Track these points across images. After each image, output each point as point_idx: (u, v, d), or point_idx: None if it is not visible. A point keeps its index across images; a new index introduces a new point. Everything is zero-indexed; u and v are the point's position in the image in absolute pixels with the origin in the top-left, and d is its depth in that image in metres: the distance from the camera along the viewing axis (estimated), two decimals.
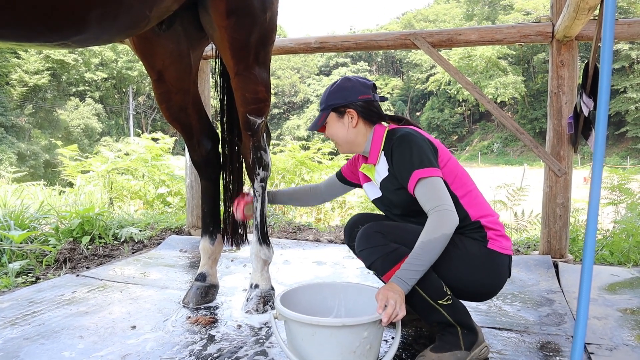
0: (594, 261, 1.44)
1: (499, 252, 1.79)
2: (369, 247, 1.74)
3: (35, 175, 27.91)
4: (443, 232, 1.62)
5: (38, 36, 1.45)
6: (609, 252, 3.43)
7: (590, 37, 3.08)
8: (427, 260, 1.61)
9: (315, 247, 3.81)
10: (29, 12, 1.35)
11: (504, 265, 1.82)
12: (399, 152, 1.80)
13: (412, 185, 1.73)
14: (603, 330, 2.12)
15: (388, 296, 1.55)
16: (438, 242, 1.61)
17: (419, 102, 59.71)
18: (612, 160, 34.44)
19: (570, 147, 3.24)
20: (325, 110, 1.96)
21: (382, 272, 1.73)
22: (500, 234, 1.82)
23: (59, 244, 3.63)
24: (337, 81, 2.01)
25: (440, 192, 1.69)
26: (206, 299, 2.47)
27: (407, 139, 1.80)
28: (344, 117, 1.94)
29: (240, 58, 2.17)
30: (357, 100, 1.92)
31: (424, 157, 1.74)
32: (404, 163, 1.77)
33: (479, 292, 1.84)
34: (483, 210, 1.83)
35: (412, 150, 1.76)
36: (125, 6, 1.55)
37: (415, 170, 1.72)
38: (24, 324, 2.19)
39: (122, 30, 1.68)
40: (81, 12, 1.45)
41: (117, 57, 42.24)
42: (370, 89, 1.96)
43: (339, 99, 1.93)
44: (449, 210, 1.65)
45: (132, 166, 6.61)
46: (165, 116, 2.46)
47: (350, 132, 1.94)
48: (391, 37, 3.56)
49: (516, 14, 42.53)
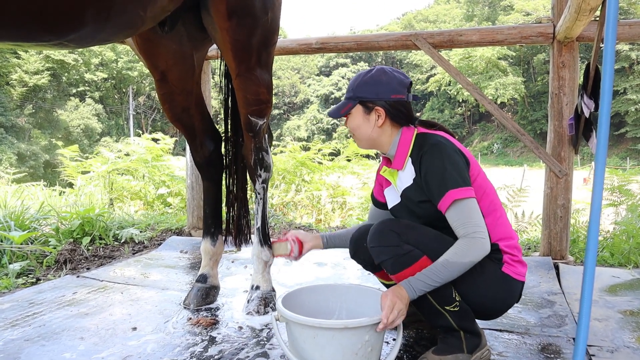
0: (596, 263, 1.44)
1: (512, 277, 1.73)
2: (381, 245, 1.70)
3: (35, 176, 27.92)
4: (471, 260, 1.57)
5: (33, 36, 1.46)
6: (610, 254, 3.43)
7: (591, 38, 3.08)
8: (444, 279, 1.57)
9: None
10: (22, 12, 1.35)
11: (515, 291, 1.77)
12: (430, 164, 1.69)
13: (445, 206, 1.64)
14: (604, 332, 2.11)
15: (395, 305, 1.52)
16: (462, 266, 1.57)
17: (419, 103, 59.67)
18: (612, 161, 34.46)
19: (571, 148, 3.24)
20: (352, 100, 1.82)
21: (391, 272, 1.71)
22: (516, 259, 1.75)
23: (60, 245, 3.63)
24: (372, 70, 1.83)
25: (475, 216, 1.61)
26: (207, 301, 2.47)
27: (440, 149, 1.69)
28: (371, 114, 1.80)
29: (242, 59, 2.17)
30: (390, 99, 1.78)
31: (458, 175, 1.64)
32: (435, 178, 1.66)
33: (484, 311, 1.80)
34: (504, 232, 1.75)
35: (445, 164, 1.65)
36: (117, 6, 1.55)
37: (449, 191, 1.62)
38: (24, 325, 2.18)
39: (118, 31, 1.68)
40: (74, 12, 1.46)
41: (117, 57, 42.29)
42: (406, 88, 1.81)
43: (370, 93, 1.78)
44: (484, 238, 1.59)
45: (132, 167, 6.61)
46: (168, 117, 2.46)
47: (375, 131, 1.82)
48: (392, 37, 3.56)
49: (516, 15, 42.59)
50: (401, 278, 1.67)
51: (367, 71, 1.84)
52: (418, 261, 1.65)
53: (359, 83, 1.81)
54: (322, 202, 6.16)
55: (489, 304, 1.77)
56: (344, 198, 6.27)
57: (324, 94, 58.76)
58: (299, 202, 6.12)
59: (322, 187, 6.38)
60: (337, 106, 1.87)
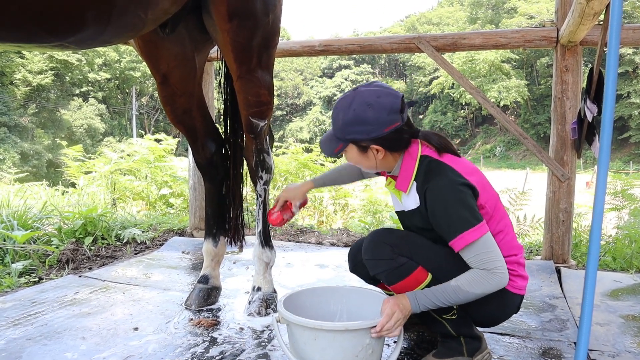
0: (597, 267, 1.44)
1: (511, 292, 1.70)
2: (374, 258, 1.67)
3: (38, 175, 27.99)
4: (484, 291, 1.54)
5: (34, 38, 1.47)
6: (612, 258, 3.42)
7: (594, 42, 3.08)
8: (451, 303, 1.56)
9: (318, 250, 3.81)
10: (23, 13, 1.36)
11: (513, 304, 1.75)
12: (437, 203, 1.58)
13: (458, 247, 1.55)
14: (605, 336, 2.11)
15: (394, 315, 1.51)
16: (473, 295, 1.54)
17: (422, 105, 59.70)
18: (614, 165, 34.37)
19: (573, 152, 3.23)
20: (343, 141, 1.65)
21: (387, 284, 1.69)
22: (517, 273, 1.71)
23: (62, 245, 3.64)
24: (352, 102, 1.59)
25: (492, 252, 1.54)
26: (208, 301, 2.47)
27: (445, 185, 1.58)
28: (368, 152, 1.65)
29: (243, 61, 2.18)
30: (384, 134, 1.59)
31: (468, 214, 1.54)
32: (444, 219, 1.57)
33: (481, 320, 1.79)
34: (509, 249, 1.70)
35: (454, 204, 1.55)
36: (118, 8, 1.56)
37: (462, 234, 1.53)
38: (26, 324, 2.19)
39: (119, 33, 1.68)
40: (74, 14, 1.47)
41: (120, 57, 42.38)
42: (398, 113, 1.59)
43: (360, 134, 1.59)
44: (503, 273, 1.53)
45: (135, 167, 6.62)
46: (170, 118, 2.47)
47: (375, 162, 1.68)
48: (395, 40, 3.56)
49: (520, 18, 42.57)
50: (398, 289, 1.66)
51: (349, 104, 1.60)
52: (413, 272, 1.63)
53: (345, 123, 1.60)
54: (324, 204, 6.16)
55: (487, 316, 1.76)
56: (346, 200, 6.27)
57: (327, 96, 58.79)
58: None
59: (324, 189, 6.37)
60: (328, 143, 1.69)
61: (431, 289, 1.56)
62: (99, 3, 1.49)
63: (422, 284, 1.64)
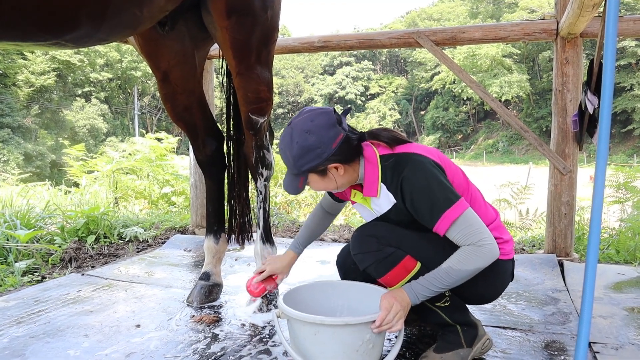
0: (598, 259, 1.44)
1: (501, 259, 1.70)
2: (362, 252, 1.68)
3: (42, 176, 28.05)
4: (477, 267, 1.52)
5: (30, 36, 1.47)
6: (615, 251, 3.41)
7: (595, 34, 3.06)
8: (448, 286, 1.54)
9: (319, 246, 3.81)
10: (17, 12, 1.36)
11: (506, 271, 1.77)
12: (414, 189, 1.58)
13: (443, 229, 1.56)
14: (609, 329, 2.10)
15: (392, 308, 1.50)
16: (467, 273, 1.52)
17: (424, 101, 59.63)
18: (618, 158, 34.27)
19: (575, 145, 3.22)
20: (302, 174, 1.63)
21: (376, 276, 1.70)
22: (501, 240, 1.71)
23: (65, 244, 3.65)
24: (294, 138, 1.58)
25: (476, 224, 1.55)
26: (210, 298, 2.47)
27: (419, 170, 1.59)
28: (328, 174, 1.64)
29: (242, 58, 2.17)
30: (333, 150, 1.57)
31: (446, 191, 1.56)
32: (424, 203, 1.57)
33: (481, 297, 1.81)
34: (486, 217, 1.71)
35: (430, 186, 1.56)
36: (112, 5, 1.55)
37: (444, 213, 1.54)
38: (29, 322, 2.20)
39: (116, 30, 1.68)
40: (68, 11, 1.47)
41: (121, 57, 42.42)
42: (335, 125, 1.59)
43: (312, 161, 1.57)
44: (491, 244, 1.53)
45: (136, 166, 6.63)
46: (171, 116, 2.47)
47: (340, 180, 1.66)
48: (394, 35, 3.55)
49: (521, 12, 42.38)
50: (388, 280, 1.67)
51: (289, 140, 1.59)
52: (401, 261, 1.64)
53: (294, 158, 1.58)
54: None
55: (483, 290, 1.77)
56: None
57: (328, 93, 58.80)
58: (303, 201, 6.12)
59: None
60: (290, 184, 1.67)
61: (425, 277, 1.56)
62: (93, 1, 1.49)
63: (411, 272, 1.65)
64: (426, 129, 55.62)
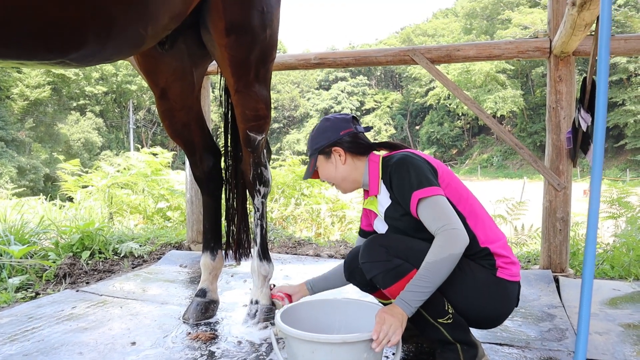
0: (594, 275, 1.45)
1: (508, 280, 1.74)
2: (370, 260, 1.72)
3: (35, 189, 27.94)
4: (451, 253, 1.57)
5: (35, 55, 1.47)
6: (610, 266, 3.43)
7: (587, 52, 3.11)
8: (434, 282, 1.57)
9: (316, 262, 3.80)
10: (24, 30, 1.37)
11: (512, 294, 1.78)
12: (397, 176, 1.77)
13: (414, 207, 1.70)
14: (605, 345, 2.11)
15: (385, 320, 1.52)
16: (445, 262, 1.56)
17: (418, 116, 59.92)
18: (611, 172, 34.47)
19: (569, 161, 3.25)
20: (313, 155, 1.96)
21: (383, 286, 1.73)
22: (509, 260, 1.75)
23: (59, 259, 3.63)
24: (317, 125, 2.00)
25: (444, 210, 1.65)
26: (206, 315, 2.46)
27: (404, 161, 1.78)
28: (332, 157, 1.93)
29: (240, 76, 2.19)
30: (340, 137, 1.90)
31: (422, 177, 1.71)
32: (403, 186, 1.74)
33: (485, 320, 1.81)
34: (491, 234, 1.77)
35: (409, 171, 1.73)
36: (118, 24, 1.57)
37: (413, 192, 1.69)
38: (23, 340, 2.18)
39: (120, 49, 1.69)
40: (74, 30, 1.47)
41: (117, 71, 42.52)
42: (350, 122, 1.94)
43: (322, 141, 1.92)
44: (457, 229, 1.60)
45: (131, 181, 6.62)
46: (168, 132, 2.48)
47: (340, 169, 1.93)
48: (390, 53, 3.59)
49: (514, 29, 42.91)
50: (393, 292, 1.69)
51: (315, 127, 2.00)
52: (408, 274, 1.66)
53: (311, 140, 1.97)
54: (322, 216, 6.16)
55: (490, 311, 1.77)
56: (344, 212, 6.27)
57: (324, 108, 59.00)
58: (299, 216, 6.12)
59: (322, 201, 6.38)
60: (306, 169, 1.99)
61: (410, 283, 1.60)
62: (98, 19, 1.51)
63: None
64: (421, 143, 55.84)
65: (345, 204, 6.40)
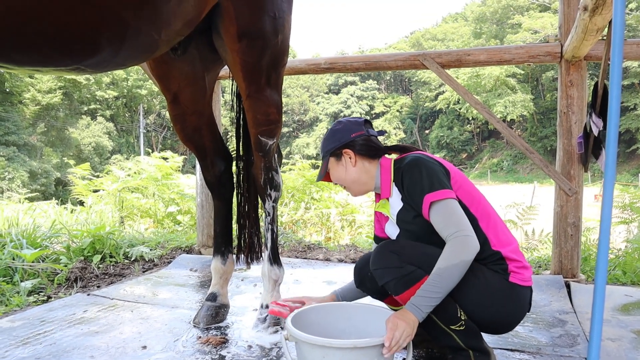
0: (606, 281, 1.44)
1: (520, 285, 1.74)
2: (382, 267, 1.72)
3: (47, 194, 28.15)
4: (462, 259, 1.57)
5: (51, 61, 1.49)
6: (622, 272, 3.40)
7: (599, 57, 3.09)
8: (444, 288, 1.57)
9: (326, 267, 3.80)
10: (39, 36, 1.39)
11: (525, 299, 1.77)
12: (409, 177, 1.77)
13: (426, 210, 1.69)
14: (617, 352, 2.09)
15: (398, 326, 1.51)
16: (456, 268, 1.57)
17: (428, 120, 59.78)
18: (623, 177, 34.12)
19: (580, 166, 3.23)
20: (325, 157, 1.97)
21: (395, 293, 1.72)
22: (521, 265, 1.75)
23: (70, 263, 3.66)
24: (330, 127, 2.01)
25: (456, 215, 1.65)
26: (217, 319, 2.47)
27: (416, 163, 1.78)
28: (342, 159, 1.94)
29: (252, 80, 2.21)
30: (351, 139, 1.91)
31: (434, 180, 1.70)
32: (414, 187, 1.74)
33: (497, 325, 1.80)
34: (503, 237, 1.77)
35: (421, 173, 1.73)
36: (131, 29, 1.59)
37: (426, 194, 1.68)
38: (35, 343, 2.20)
39: (134, 55, 1.71)
40: (89, 35, 1.50)
41: (127, 75, 42.84)
42: (362, 125, 1.96)
43: (334, 143, 1.93)
44: (468, 235, 1.60)
45: (142, 185, 6.67)
46: (180, 137, 2.50)
47: (351, 171, 1.93)
48: (400, 57, 3.59)
49: (524, 33, 42.68)
50: (405, 298, 1.68)
51: (328, 130, 2.02)
52: (420, 281, 1.65)
53: (323, 142, 1.99)
54: (332, 220, 6.16)
55: (502, 316, 1.76)
56: (353, 216, 6.27)
57: (333, 112, 59.02)
58: (309, 220, 6.12)
59: (332, 205, 6.38)
60: (319, 171, 2.02)
61: (421, 288, 1.60)
62: (113, 25, 1.53)
63: None
64: (431, 147, 55.67)
65: (355, 208, 6.40)
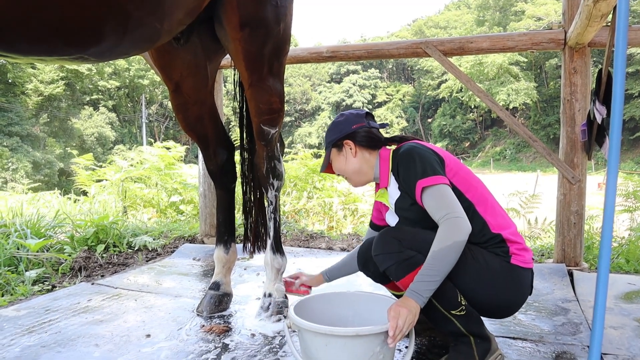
0: (609, 270, 1.43)
1: (522, 266, 1.75)
2: (383, 252, 1.74)
3: (50, 184, 28.25)
4: (455, 240, 1.59)
5: (55, 50, 1.49)
6: (625, 260, 3.39)
7: (603, 43, 3.07)
8: (441, 271, 1.58)
9: (328, 256, 3.81)
10: (43, 25, 1.39)
11: (526, 281, 1.79)
12: (403, 165, 1.81)
13: (419, 195, 1.73)
14: (620, 340, 2.09)
15: (400, 313, 1.52)
16: (451, 250, 1.58)
17: (431, 109, 59.54)
18: (627, 165, 34.00)
19: (584, 154, 3.21)
20: (327, 148, 2.02)
21: (396, 278, 1.74)
22: (522, 247, 1.77)
23: (74, 253, 3.68)
24: (333, 119, 2.06)
25: (447, 199, 1.68)
26: (220, 308, 2.48)
27: (410, 151, 1.81)
28: (343, 150, 1.98)
29: (254, 69, 2.20)
30: (352, 130, 1.96)
31: (426, 166, 1.74)
32: (408, 175, 1.78)
33: (499, 309, 1.81)
34: (501, 221, 1.79)
35: (415, 160, 1.77)
36: (134, 19, 1.59)
37: (419, 180, 1.72)
38: (40, 332, 2.22)
39: (136, 44, 1.71)
40: (92, 25, 1.50)
41: (129, 65, 42.75)
42: (364, 117, 2.00)
43: (335, 134, 1.98)
44: (459, 217, 1.63)
45: (145, 175, 6.67)
46: (182, 126, 2.50)
47: (351, 161, 1.97)
48: (402, 45, 3.57)
49: (528, 20, 42.37)
50: (406, 284, 1.69)
51: (331, 122, 2.07)
52: (420, 265, 1.66)
53: (326, 134, 2.05)
54: (334, 209, 6.16)
55: (504, 299, 1.77)
56: (356, 205, 6.27)
57: (335, 101, 58.85)
58: (311, 209, 6.13)
59: (334, 194, 6.38)
60: (322, 162, 2.06)
61: (419, 273, 1.62)
62: (115, 14, 1.53)
63: None
64: (433, 136, 55.52)
65: (357, 197, 6.40)
